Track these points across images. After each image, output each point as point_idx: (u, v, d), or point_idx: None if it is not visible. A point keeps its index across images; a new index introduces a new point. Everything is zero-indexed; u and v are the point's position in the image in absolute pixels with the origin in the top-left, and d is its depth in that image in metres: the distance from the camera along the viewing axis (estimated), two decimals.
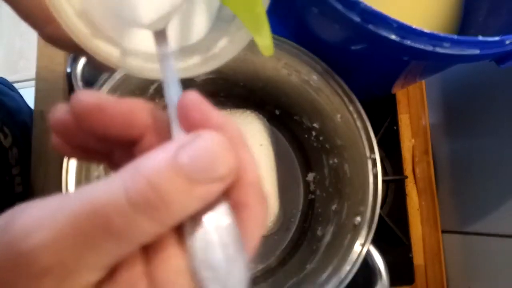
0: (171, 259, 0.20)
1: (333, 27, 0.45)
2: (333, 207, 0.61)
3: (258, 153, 0.61)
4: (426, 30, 0.38)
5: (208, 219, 0.20)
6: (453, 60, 0.43)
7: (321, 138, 0.63)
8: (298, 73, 0.55)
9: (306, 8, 0.46)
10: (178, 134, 0.22)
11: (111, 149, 0.25)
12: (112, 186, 0.18)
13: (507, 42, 0.40)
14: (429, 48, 0.39)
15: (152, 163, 0.18)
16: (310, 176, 0.68)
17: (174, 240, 0.20)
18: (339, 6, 0.39)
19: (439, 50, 0.39)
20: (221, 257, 0.19)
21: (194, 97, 0.22)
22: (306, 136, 0.66)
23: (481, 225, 0.65)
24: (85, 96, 0.22)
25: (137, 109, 0.23)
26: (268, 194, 0.60)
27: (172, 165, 0.18)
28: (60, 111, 0.23)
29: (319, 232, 0.62)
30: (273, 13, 0.54)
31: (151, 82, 0.57)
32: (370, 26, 0.39)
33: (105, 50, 0.26)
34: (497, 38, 0.40)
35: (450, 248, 0.71)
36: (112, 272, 0.19)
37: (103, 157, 0.26)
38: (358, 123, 0.53)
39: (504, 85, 0.60)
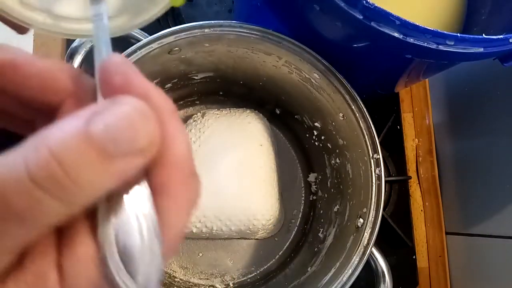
0: (81, 247, 0.17)
1: (335, 25, 0.44)
2: (335, 208, 0.60)
3: (258, 153, 0.61)
4: (430, 28, 0.38)
5: (124, 201, 0.18)
6: (456, 58, 0.43)
7: (322, 137, 0.62)
8: (299, 71, 0.54)
9: (308, 6, 0.45)
10: (99, 102, 0.19)
11: (31, 116, 0.22)
12: (12, 160, 0.16)
13: (511, 40, 0.40)
14: (433, 45, 0.39)
15: (60, 132, 0.16)
16: (312, 177, 0.68)
17: (86, 225, 0.18)
18: (342, 3, 0.38)
19: (442, 48, 0.39)
20: (134, 247, 0.17)
21: (118, 59, 0.19)
22: (307, 135, 0.65)
23: (486, 226, 0.64)
24: None
25: (57, 71, 0.20)
26: (269, 195, 0.60)
27: (83, 134, 0.16)
28: None
29: (320, 234, 0.61)
30: (274, 10, 0.53)
31: (153, 78, 0.56)
32: (373, 24, 0.38)
33: (32, 17, 0.25)
34: (501, 36, 0.40)
35: (454, 250, 0.70)
36: (22, 258, 0.17)
37: (25, 126, 0.23)
38: (361, 122, 0.52)
39: (508, 84, 0.60)
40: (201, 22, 0.50)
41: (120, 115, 0.16)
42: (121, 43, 0.51)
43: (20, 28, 0.26)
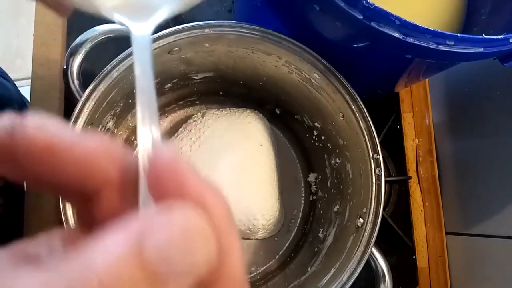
0: None
1: (335, 25, 0.44)
2: (335, 208, 0.60)
3: (258, 153, 0.61)
4: (430, 28, 0.38)
5: None
6: (456, 58, 0.43)
7: (322, 137, 0.62)
8: (299, 71, 0.54)
9: (308, 5, 0.45)
10: (145, 201, 0.17)
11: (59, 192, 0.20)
12: (56, 282, 0.14)
13: (511, 40, 0.40)
14: (433, 46, 0.39)
15: (109, 254, 0.14)
16: (312, 177, 0.67)
17: None
18: (341, 3, 0.38)
19: (442, 48, 0.39)
20: None
21: (170, 154, 0.17)
22: (307, 135, 0.65)
23: (486, 226, 0.64)
24: (33, 129, 0.17)
25: (100, 155, 0.18)
26: (269, 195, 0.60)
27: (134, 259, 0.14)
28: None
29: (320, 234, 0.61)
30: (274, 10, 0.53)
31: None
32: (373, 24, 0.38)
33: None
34: (501, 36, 0.40)
35: (454, 250, 0.70)
36: None
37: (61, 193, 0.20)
38: (361, 123, 0.52)
39: (509, 84, 0.60)
40: (201, 22, 0.50)
41: (175, 232, 0.15)
42: (121, 43, 0.51)
43: (61, 11, 0.25)
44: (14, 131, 0.17)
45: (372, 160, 0.52)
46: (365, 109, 0.52)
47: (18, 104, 0.78)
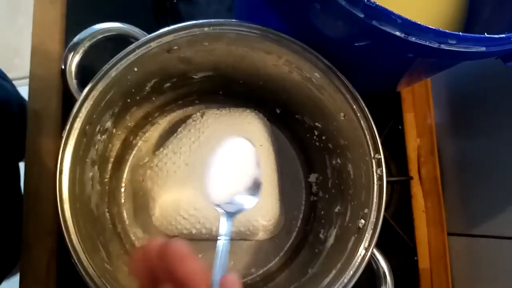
0: None
1: (336, 24, 0.44)
2: (336, 209, 0.59)
3: (258, 153, 0.60)
4: (432, 27, 0.38)
5: None
6: (458, 57, 0.43)
7: (323, 137, 0.62)
8: (300, 70, 0.54)
9: (308, 4, 0.45)
10: None
11: (162, 282, 0.34)
12: None
13: None
14: (435, 45, 0.38)
15: None
16: (313, 177, 0.67)
17: None
18: (343, 2, 0.38)
19: (444, 47, 0.39)
20: None
21: (234, 278, 0.34)
22: (308, 135, 0.65)
23: (488, 227, 0.64)
24: (180, 245, 0.34)
25: (201, 274, 0.34)
26: (269, 195, 0.60)
27: None
28: (155, 244, 0.35)
29: (321, 235, 0.61)
30: (274, 9, 0.53)
31: (147, 80, 0.56)
32: (374, 22, 0.38)
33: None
34: (503, 35, 0.39)
35: (456, 251, 0.70)
36: None
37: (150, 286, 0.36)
38: (362, 122, 0.52)
39: (511, 83, 0.59)
40: (200, 21, 0.50)
41: None
42: (120, 42, 0.51)
43: None
44: (168, 243, 0.34)
45: (373, 160, 0.52)
46: (366, 109, 0.52)
47: (17, 105, 0.78)
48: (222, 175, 0.45)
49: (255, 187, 0.47)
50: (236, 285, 0.33)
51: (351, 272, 0.49)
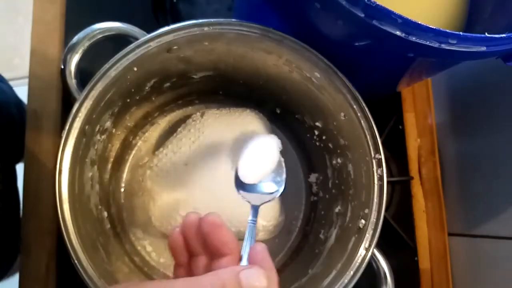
0: None
1: (336, 23, 0.44)
2: (337, 209, 0.59)
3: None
4: (432, 26, 0.37)
5: None
6: (459, 57, 0.42)
7: (324, 137, 0.62)
8: (300, 70, 0.54)
9: (308, 3, 0.45)
10: (245, 264, 0.39)
11: (197, 255, 0.40)
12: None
13: None
14: (435, 44, 0.38)
15: (225, 272, 0.34)
16: (313, 177, 0.67)
17: None
18: (343, 1, 0.38)
19: (445, 46, 0.39)
20: None
21: (261, 247, 0.39)
22: (308, 135, 0.65)
23: (489, 227, 0.64)
24: (215, 216, 0.39)
25: (235, 241, 0.39)
26: None
27: (236, 278, 0.34)
28: (192, 217, 0.40)
29: (322, 235, 0.61)
30: (274, 8, 0.53)
31: (147, 79, 0.56)
32: (374, 22, 0.38)
33: None
34: (503, 35, 0.39)
35: (457, 251, 0.70)
36: None
37: (186, 261, 0.41)
38: (363, 122, 0.52)
39: (511, 83, 0.59)
40: (200, 20, 0.50)
41: (255, 274, 0.35)
42: (119, 42, 0.51)
43: None
44: (202, 217, 0.39)
45: (374, 161, 0.51)
46: (366, 109, 0.52)
47: (15, 106, 0.78)
48: (252, 159, 0.52)
49: (278, 179, 0.53)
50: (263, 252, 0.39)
51: (352, 273, 0.49)
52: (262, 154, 0.53)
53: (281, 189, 0.52)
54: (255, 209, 0.49)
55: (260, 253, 0.38)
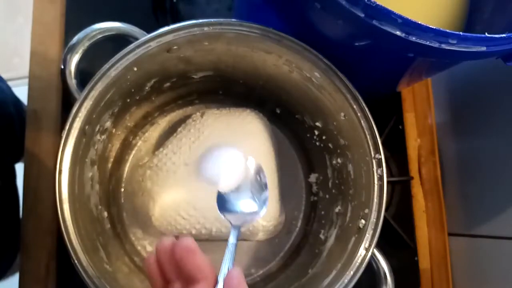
0: None
1: (336, 23, 0.44)
2: (337, 209, 0.59)
3: (258, 154, 0.60)
4: (432, 26, 0.37)
5: None
6: (459, 57, 0.42)
7: (324, 137, 0.62)
8: (300, 70, 0.54)
9: (309, 4, 0.45)
10: None
11: (173, 281, 0.39)
12: None
13: None
14: (435, 44, 0.38)
15: None
16: (313, 177, 0.67)
17: None
18: (343, 1, 0.38)
19: (445, 46, 0.39)
20: None
21: (237, 273, 0.38)
22: (308, 135, 0.64)
23: (489, 227, 0.64)
24: (189, 241, 0.38)
25: (209, 267, 0.38)
26: (269, 195, 0.59)
27: None
28: (166, 243, 0.39)
29: (322, 235, 0.61)
30: (274, 8, 0.53)
31: (147, 79, 0.56)
32: (374, 22, 0.38)
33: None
34: (503, 35, 0.39)
35: (457, 251, 0.70)
36: None
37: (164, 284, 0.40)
38: (363, 122, 0.52)
39: (511, 83, 0.59)
40: (200, 20, 0.50)
41: None
42: (119, 41, 0.51)
43: None
44: (176, 242, 0.38)
45: (374, 161, 0.51)
46: (366, 109, 0.52)
47: (13, 105, 0.78)
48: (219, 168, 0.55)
49: (260, 198, 0.53)
50: (238, 277, 0.37)
51: (352, 273, 0.49)
52: (227, 163, 0.55)
53: (262, 211, 0.52)
54: (236, 230, 0.47)
55: (236, 278, 0.38)
